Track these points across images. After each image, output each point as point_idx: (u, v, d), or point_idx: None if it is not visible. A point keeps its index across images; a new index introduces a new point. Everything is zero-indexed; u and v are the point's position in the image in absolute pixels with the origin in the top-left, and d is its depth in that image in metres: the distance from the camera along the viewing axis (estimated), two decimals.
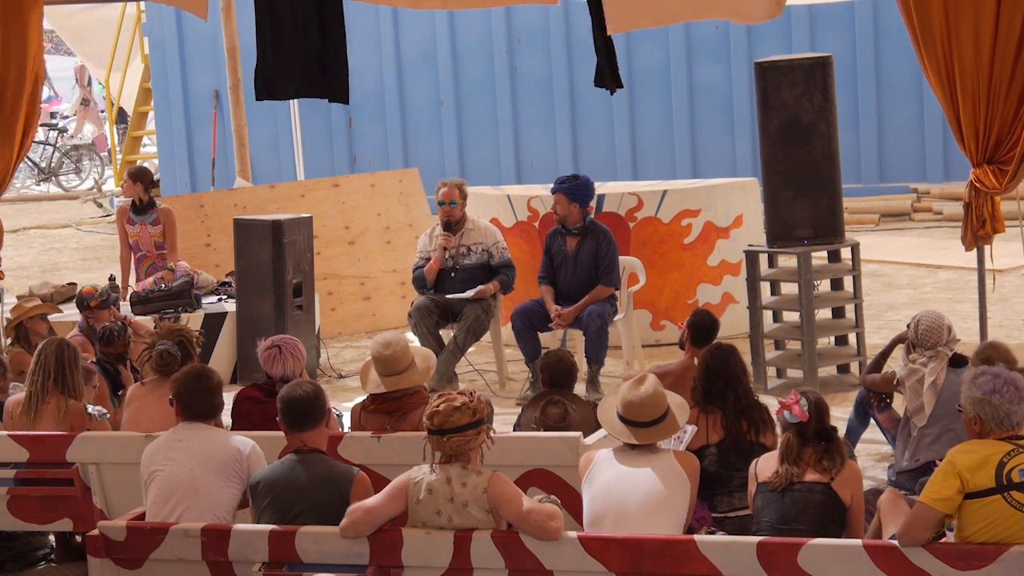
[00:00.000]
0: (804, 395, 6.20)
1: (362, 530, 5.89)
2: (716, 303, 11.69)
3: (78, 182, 25.51)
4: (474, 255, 10.79)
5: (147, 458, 6.54)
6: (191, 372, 6.69)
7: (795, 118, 9.84)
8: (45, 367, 7.64)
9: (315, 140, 18.87)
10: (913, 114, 17.38)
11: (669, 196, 11.73)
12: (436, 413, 5.84)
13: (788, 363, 10.27)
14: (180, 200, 13.59)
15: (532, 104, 18.55)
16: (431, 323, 10.58)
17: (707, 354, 7.21)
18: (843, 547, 5.60)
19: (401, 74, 18.80)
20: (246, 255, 10.70)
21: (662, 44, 17.82)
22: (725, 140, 17.99)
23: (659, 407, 6.26)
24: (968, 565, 5.39)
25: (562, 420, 7.34)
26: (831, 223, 10.01)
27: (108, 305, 9.71)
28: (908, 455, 7.85)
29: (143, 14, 20.87)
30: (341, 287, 13.03)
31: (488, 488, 5.81)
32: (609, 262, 10.42)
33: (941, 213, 16.93)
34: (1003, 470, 5.43)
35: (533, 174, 18.10)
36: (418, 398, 7.31)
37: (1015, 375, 5.59)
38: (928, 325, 7.95)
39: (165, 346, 7.55)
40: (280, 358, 7.55)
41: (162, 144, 20.41)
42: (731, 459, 6.93)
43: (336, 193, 13.38)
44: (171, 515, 6.31)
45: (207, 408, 6.58)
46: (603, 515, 6.05)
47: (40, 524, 7.55)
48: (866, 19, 17.39)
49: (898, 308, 12.57)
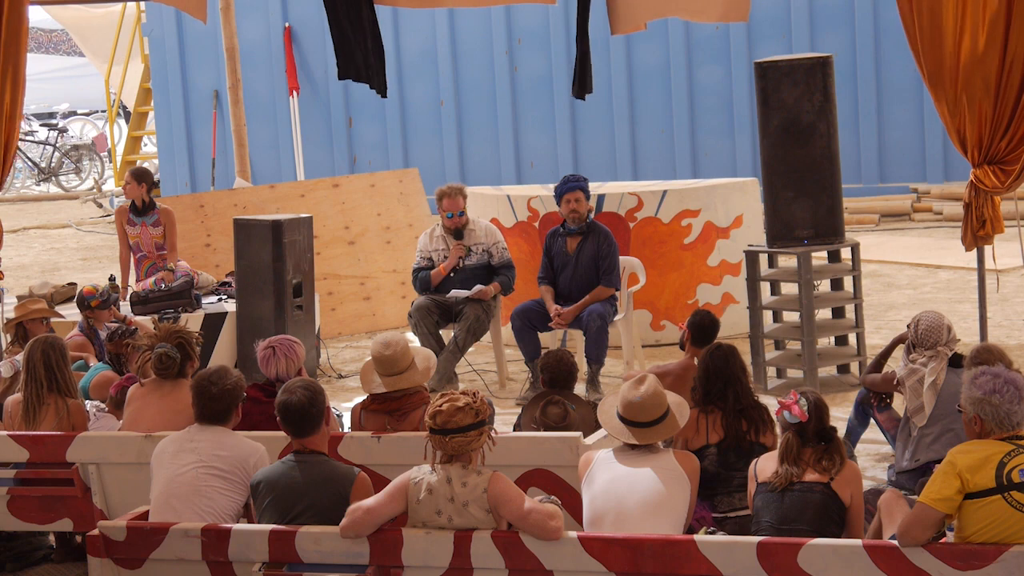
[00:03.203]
0: (804, 395, 6.20)
1: (362, 530, 5.89)
2: (716, 303, 11.69)
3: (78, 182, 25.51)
4: (474, 255, 10.79)
5: (157, 454, 6.58)
6: (202, 375, 6.68)
7: (795, 118, 9.84)
8: (36, 377, 7.64)
9: (315, 140, 18.88)
10: (913, 114, 17.38)
11: (669, 196, 11.73)
12: (439, 413, 5.84)
13: (788, 363, 10.27)
14: (180, 200, 13.58)
15: (532, 104, 18.55)
16: (431, 323, 10.58)
17: (707, 354, 7.22)
18: (843, 547, 5.60)
19: (401, 74, 18.80)
20: (246, 255, 10.69)
21: (662, 44, 17.82)
22: (725, 140, 17.99)
23: (659, 407, 6.27)
24: (968, 565, 5.39)
25: (562, 420, 7.34)
26: (831, 223, 10.01)
27: (108, 305, 9.72)
28: (908, 455, 7.84)
29: (143, 14, 20.87)
30: (341, 287, 13.03)
31: (488, 488, 5.81)
32: (610, 263, 10.42)
33: (941, 213, 16.93)
34: (1003, 470, 5.43)
35: (533, 174, 18.11)
36: (418, 398, 7.32)
37: (1015, 375, 5.59)
38: (928, 325, 7.95)
39: (164, 348, 7.55)
40: (274, 358, 7.56)
41: (162, 144, 20.41)
42: (731, 459, 6.94)
43: (336, 193, 13.38)
44: (171, 514, 6.32)
45: (213, 412, 6.58)
46: (603, 515, 6.05)
47: (40, 524, 7.56)
48: (866, 19, 17.39)
49: (898, 308, 12.57)
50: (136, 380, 7.80)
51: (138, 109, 22.27)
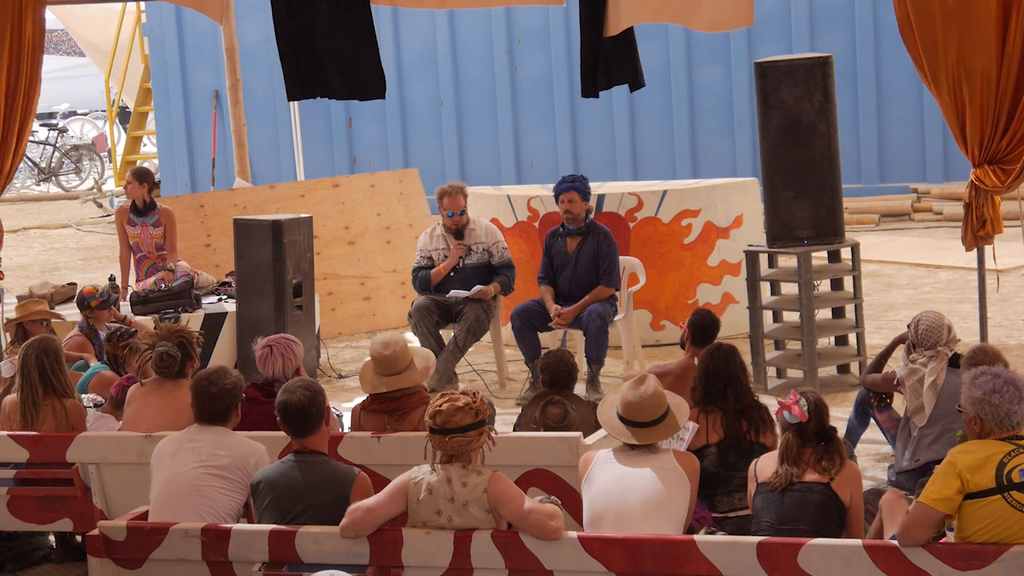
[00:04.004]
0: (803, 395, 6.20)
1: (362, 530, 5.89)
2: (716, 303, 11.69)
3: (78, 182, 25.51)
4: (474, 255, 10.79)
5: (156, 454, 6.58)
6: (202, 375, 6.68)
7: (795, 118, 9.84)
8: (31, 382, 7.62)
9: (315, 140, 18.87)
10: (913, 114, 17.38)
11: (669, 196, 11.73)
12: (439, 413, 5.84)
13: (788, 363, 10.26)
14: (180, 200, 13.58)
15: (532, 104, 18.55)
16: (431, 323, 10.58)
17: (707, 354, 7.21)
18: (843, 547, 5.60)
19: (401, 74, 18.80)
20: (246, 255, 10.69)
21: (662, 44, 17.81)
22: (725, 140, 17.99)
23: (659, 407, 6.27)
24: (968, 565, 5.39)
25: (562, 420, 7.34)
26: (831, 223, 10.00)
27: (109, 305, 9.72)
28: (908, 455, 7.84)
29: (143, 14, 20.86)
30: (341, 287, 13.03)
31: (488, 488, 5.81)
32: (610, 263, 10.42)
33: (941, 213, 16.93)
34: (1003, 470, 5.42)
35: (533, 174, 18.11)
36: (418, 398, 7.32)
37: (1015, 375, 5.59)
38: (928, 325, 7.95)
39: (165, 347, 7.55)
40: (271, 358, 7.57)
41: (162, 144, 20.41)
42: (731, 459, 6.93)
43: (336, 193, 13.38)
44: (171, 514, 6.32)
45: (212, 412, 6.57)
46: (603, 515, 6.05)
47: (40, 524, 7.56)
48: (866, 19, 17.39)
49: (898, 308, 12.57)
50: (136, 380, 7.80)
51: (138, 109, 22.26)
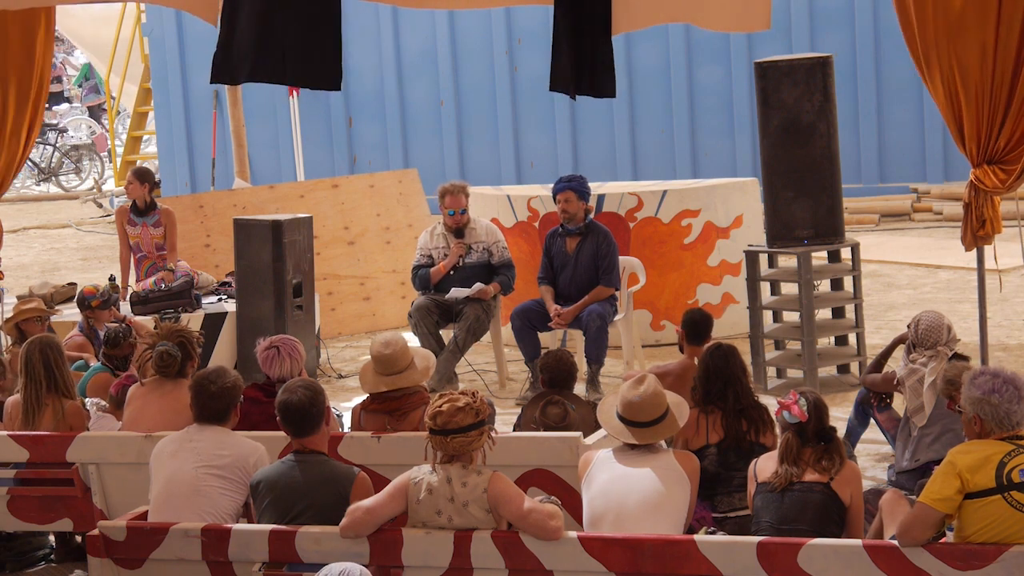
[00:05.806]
0: (803, 395, 6.20)
1: (362, 530, 5.89)
2: (716, 303, 11.69)
3: (78, 182, 25.49)
4: (474, 254, 10.79)
5: (156, 454, 6.58)
6: (201, 375, 6.69)
7: (795, 118, 9.84)
8: (35, 377, 7.62)
9: (315, 140, 18.87)
10: (913, 114, 17.37)
11: (669, 196, 11.73)
12: (439, 413, 5.84)
13: (788, 363, 10.27)
14: (180, 200, 13.58)
15: (532, 104, 18.53)
16: (431, 323, 10.59)
17: (707, 354, 7.22)
18: (843, 547, 5.61)
19: (401, 74, 18.80)
20: (246, 255, 10.69)
21: (662, 44, 17.81)
22: (725, 140, 17.98)
23: (659, 407, 6.27)
24: (968, 565, 5.39)
25: (562, 420, 7.34)
26: (831, 223, 10.01)
27: (109, 305, 9.73)
28: (908, 455, 7.84)
29: (143, 14, 20.85)
30: (341, 287, 13.03)
31: (488, 488, 5.81)
32: (609, 262, 10.42)
33: (941, 213, 16.92)
34: (1003, 470, 5.42)
35: (533, 174, 18.09)
36: (418, 398, 7.32)
37: (1014, 374, 5.59)
38: (928, 325, 7.95)
39: (165, 347, 7.55)
40: (278, 358, 7.56)
41: (162, 144, 20.40)
42: (731, 459, 6.94)
43: (336, 193, 13.38)
44: (171, 514, 6.32)
45: (212, 412, 6.57)
46: (603, 515, 6.05)
47: (40, 524, 7.56)
48: (866, 19, 17.38)
49: (898, 308, 12.57)
50: (136, 380, 7.80)
51: (138, 109, 22.25)
